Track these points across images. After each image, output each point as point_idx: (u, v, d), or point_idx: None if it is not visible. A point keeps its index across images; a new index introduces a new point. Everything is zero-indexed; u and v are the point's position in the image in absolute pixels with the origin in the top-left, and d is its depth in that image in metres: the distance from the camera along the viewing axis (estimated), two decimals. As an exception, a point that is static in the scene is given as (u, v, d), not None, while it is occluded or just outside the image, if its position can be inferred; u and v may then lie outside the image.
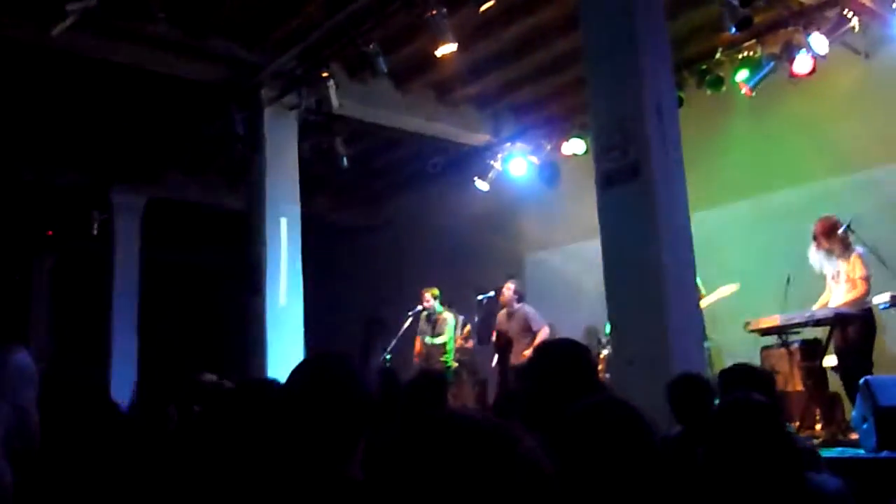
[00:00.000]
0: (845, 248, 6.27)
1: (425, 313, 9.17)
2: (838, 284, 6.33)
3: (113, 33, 7.06)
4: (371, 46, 7.14)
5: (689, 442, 3.05)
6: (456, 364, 8.94)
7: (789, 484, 2.04)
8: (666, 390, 3.51)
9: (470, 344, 9.27)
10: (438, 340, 8.95)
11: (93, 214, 10.72)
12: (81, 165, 10.65)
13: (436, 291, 9.20)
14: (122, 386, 10.18)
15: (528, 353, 8.18)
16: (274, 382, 2.75)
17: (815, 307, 6.38)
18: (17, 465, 2.70)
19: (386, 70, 7.37)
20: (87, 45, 7.19)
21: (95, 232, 10.79)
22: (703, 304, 7.22)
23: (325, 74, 7.68)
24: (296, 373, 1.88)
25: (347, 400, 1.79)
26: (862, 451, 4.91)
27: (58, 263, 12.91)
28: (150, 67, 7.75)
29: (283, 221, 8.14)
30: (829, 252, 6.32)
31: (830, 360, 6.20)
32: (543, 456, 0.81)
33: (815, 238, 6.39)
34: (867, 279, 6.16)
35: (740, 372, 3.47)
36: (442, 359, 8.95)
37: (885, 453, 4.63)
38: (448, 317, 9.13)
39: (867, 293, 6.13)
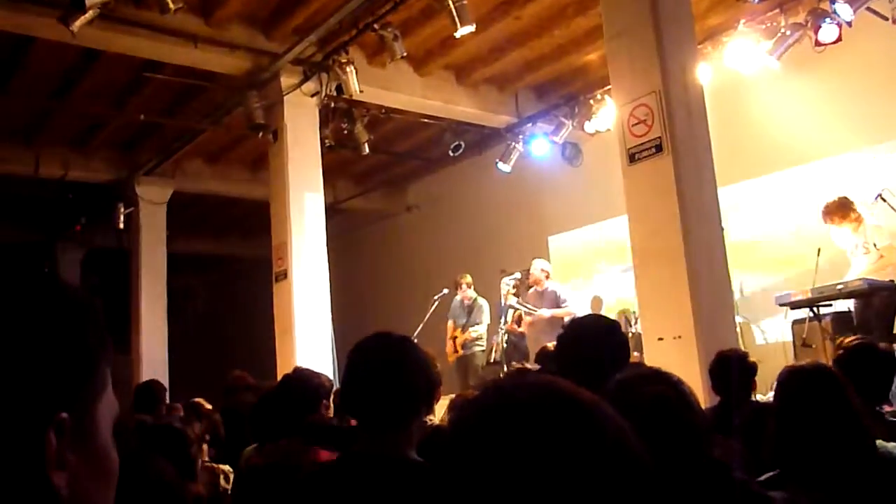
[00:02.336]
0: (858, 221, 6.31)
1: (459, 299, 9.18)
2: (856, 257, 6.36)
3: (133, 27, 7.10)
4: (389, 30, 7.13)
5: (726, 413, 3.06)
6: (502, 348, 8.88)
7: (859, 450, 2.02)
8: (711, 365, 3.52)
9: (521, 328, 9.01)
10: (479, 331, 8.98)
11: (118, 208, 10.82)
12: (106, 159, 10.77)
13: (469, 278, 9.19)
14: (152, 374, 10.35)
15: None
16: (320, 375, 2.80)
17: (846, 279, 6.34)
18: None
19: (404, 54, 7.36)
20: (109, 41, 7.24)
21: (122, 225, 10.90)
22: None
23: (343, 60, 7.68)
24: (357, 353, 1.89)
25: (410, 379, 1.80)
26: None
27: (86, 257, 13.09)
28: (170, 59, 7.81)
29: (307, 208, 8.18)
30: (845, 228, 6.37)
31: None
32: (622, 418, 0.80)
33: (828, 219, 6.44)
34: (891, 248, 6.17)
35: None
36: (478, 347, 8.96)
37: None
38: (483, 303, 9.13)
39: (887, 263, 6.16)
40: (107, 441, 0.75)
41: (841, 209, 6.35)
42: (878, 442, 2.23)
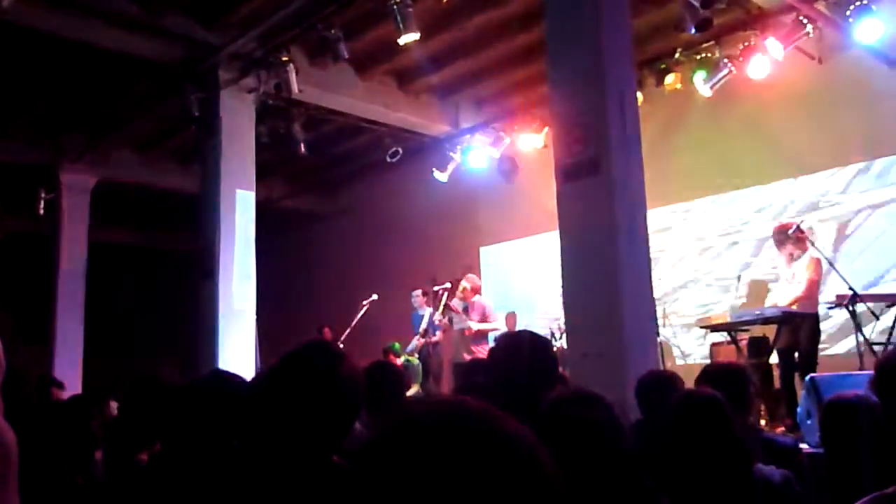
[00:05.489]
0: (803, 251, 6.46)
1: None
2: (791, 285, 6.51)
3: (67, 6, 6.84)
4: (333, 31, 7.06)
5: (646, 432, 3.10)
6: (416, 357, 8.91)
7: (736, 474, 2.08)
8: (637, 385, 3.57)
9: (439, 337, 9.13)
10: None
11: (39, 193, 10.39)
12: (29, 142, 10.32)
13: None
14: (66, 370, 9.96)
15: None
16: (237, 377, 2.70)
17: (765, 305, 6.53)
18: None
19: (347, 56, 7.30)
20: (40, 19, 6.96)
21: (42, 211, 10.47)
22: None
23: (284, 58, 7.57)
24: (286, 361, 1.83)
25: (337, 388, 1.76)
26: (806, 446, 5.03)
27: (1, 243, 12.52)
28: (105, 44, 7.54)
29: (238, 205, 8.01)
30: (790, 255, 6.51)
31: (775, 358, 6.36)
32: (535, 440, 0.80)
33: (777, 244, 6.56)
34: (816, 284, 6.34)
35: (717, 371, 3.56)
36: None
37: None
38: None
39: (811, 296, 6.30)
40: None
41: (795, 233, 6.44)
42: (756, 466, 2.32)
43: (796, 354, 6.19)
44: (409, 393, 8.50)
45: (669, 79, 7.98)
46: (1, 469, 0.65)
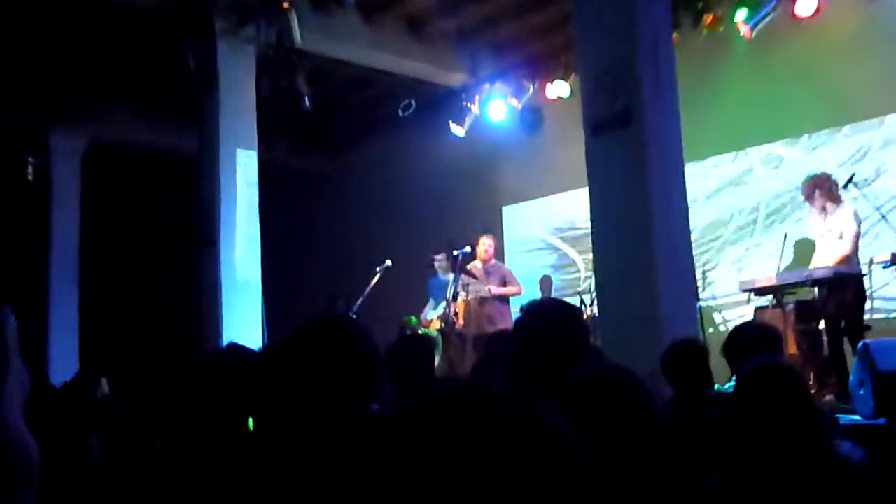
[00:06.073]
0: (837, 204, 6.37)
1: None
2: (828, 242, 6.42)
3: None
4: (338, -26, 6.97)
5: (683, 408, 3.08)
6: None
7: (815, 454, 2.04)
8: (661, 357, 3.52)
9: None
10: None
11: (27, 158, 10.43)
12: (15, 103, 10.32)
13: None
14: (62, 346, 10.09)
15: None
16: (253, 352, 2.71)
17: (811, 266, 6.45)
18: None
19: (353, 1, 7.21)
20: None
21: (31, 178, 10.52)
22: None
23: (286, 5, 7.48)
24: (301, 334, 1.83)
25: (356, 366, 1.76)
26: (858, 418, 5.00)
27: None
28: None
29: (238, 166, 7.99)
30: (823, 210, 6.42)
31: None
32: (570, 426, 0.80)
33: (808, 198, 6.49)
34: (857, 236, 6.27)
35: (748, 331, 3.55)
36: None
37: (882, 420, 4.71)
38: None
39: (854, 251, 6.24)
40: (17, 434, 0.67)
41: (828, 185, 6.37)
42: (834, 443, 2.28)
43: (843, 320, 6.12)
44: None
45: (708, 19, 7.82)
46: (24, 481, 0.68)
